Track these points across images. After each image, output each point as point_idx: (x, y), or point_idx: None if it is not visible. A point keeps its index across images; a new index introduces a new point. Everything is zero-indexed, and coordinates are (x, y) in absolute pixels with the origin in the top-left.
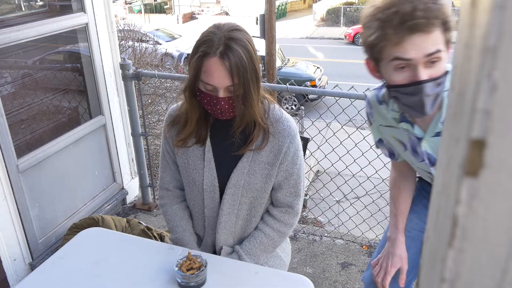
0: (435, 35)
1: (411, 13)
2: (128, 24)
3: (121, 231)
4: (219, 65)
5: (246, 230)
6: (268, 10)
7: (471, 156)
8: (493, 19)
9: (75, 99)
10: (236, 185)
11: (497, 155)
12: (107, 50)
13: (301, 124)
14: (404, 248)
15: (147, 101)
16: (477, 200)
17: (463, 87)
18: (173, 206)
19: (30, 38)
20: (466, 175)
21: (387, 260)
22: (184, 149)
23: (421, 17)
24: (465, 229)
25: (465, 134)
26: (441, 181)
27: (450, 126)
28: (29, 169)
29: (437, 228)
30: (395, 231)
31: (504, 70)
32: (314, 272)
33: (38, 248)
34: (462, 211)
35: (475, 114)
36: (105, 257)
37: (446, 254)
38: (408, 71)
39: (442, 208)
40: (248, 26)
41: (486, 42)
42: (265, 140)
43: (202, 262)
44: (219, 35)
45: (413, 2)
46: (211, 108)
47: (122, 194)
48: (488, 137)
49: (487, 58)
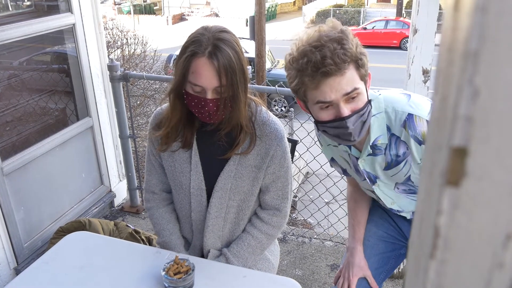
0: (349, 75)
1: (321, 61)
2: (116, 25)
3: (108, 234)
4: (207, 65)
5: (234, 233)
6: (258, 11)
7: (453, 164)
8: (474, 22)
9: (61, 101)
10: (223, 188)
11: (479, 164)
12: (94, 51)
13: (290, 126)
14: (362, 257)
15: (136, 102)
16: (459, 210)
17: (446, 93)
18: (159, 209)
19: (15, 39)
20: (447, 184)
21: (348, 271)
22: (170, 152)
23: (331, 64)
24: (447, 239)
25: (447, 141)
26: (424, 188)
27: (433, 132)
28: (14, 172)
29: (420, 237)
30: (353, 241)
31: (486, 75)
32: (304, 274)
33: (24, 252)
34: (444, 221)
35: (457, 120)
36: (91, 261)
37: (428, 265)
38: (332, 109)
39: (425, 216)
40: (238, 27)
41: (468, 46)
42: (252, 144)
43: (190, 266)
44: (207, 35)
45: (321, 50)
46: (199, 110)
47: (110, 196)
48: (470, 144)
49: (469, 63)
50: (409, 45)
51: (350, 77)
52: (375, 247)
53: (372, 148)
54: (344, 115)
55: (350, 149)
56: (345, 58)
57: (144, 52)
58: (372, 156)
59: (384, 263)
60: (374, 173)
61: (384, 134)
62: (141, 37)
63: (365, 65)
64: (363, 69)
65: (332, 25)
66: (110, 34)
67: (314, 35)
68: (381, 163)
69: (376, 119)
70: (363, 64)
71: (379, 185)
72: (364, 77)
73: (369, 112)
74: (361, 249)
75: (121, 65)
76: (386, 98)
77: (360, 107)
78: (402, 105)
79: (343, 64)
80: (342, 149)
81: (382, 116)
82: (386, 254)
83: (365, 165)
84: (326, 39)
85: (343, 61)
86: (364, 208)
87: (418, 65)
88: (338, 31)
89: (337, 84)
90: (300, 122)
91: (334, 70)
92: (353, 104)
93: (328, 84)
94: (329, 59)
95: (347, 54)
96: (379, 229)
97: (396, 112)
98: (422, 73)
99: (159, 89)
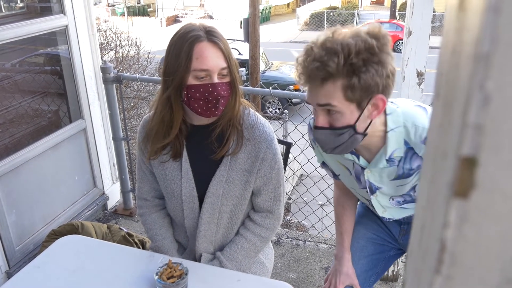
0: (329, 88)
1: (311, 63)
2: (110, 27)
3: (101, 237)
4: (211, 47)
5: (227, 238)
6: (252, 14)
7: (461, 175)
8: (486, 23)
9: (54, 103)
10: (215, 194)
11: (489, 175)
12: (87, 53)
13: (284, 128)
14: (350, 266)
15: (129, 104)
16: (467, 223)
17: (450, 97)
18: (152, 215)
19: (7, 40)
20: (455, 196)
21: (335, 278)
22: (160, 161)
23: (315, 70)
24: (454, 254)
25: (454, 150)
26: (425, 195)
27: (435, 138)
28: (6, 174)
29: (422, 248)
30: (341, 249)
31: (498, 80)
32: (298, 277)
33: (15, 256)
34: (451, 235)
35: (466, 129)
36: (83, 265)
37: (433, 281)
38: (316, 113)
39: (427, 226)
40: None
41: (478, 49)
42: (239, 143)
43: (183, 270)
44: (197, 26)
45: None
46: (204, 100)
47: (103, 199)
48: (480, 154)
49: (479, 67)
50: (403, 47)
51: (329, 91)
52: (364, 249)
53: (386, 160)
54: (316, 124)
55: (358, 158)
56: (326, 73)
57: (137, 54)
58: (382, 168)
59: (373, 265)
60: (378, 184)
61: (401, 148)
62: (134, 39)
63: (358, 91)
64: (353, 93)
65: (364, 39)
66: (104, 36)
67: (336, 38)
68: (390, 174)
69: (394, 134)
70: (355, 89)
71: (377, 195)
72: (353, 101)
73: (351, 138)
74: (349, 257)
75: (114, 67)
76: (405, 113)
77: (335, 126)
78: (422, 120)
79: (324, 76)
80: (347, 157)
81: (401, 131)
82: (375, 256)
83: (371, 176)
84: (333, 45)
85: (327, 74)
86: (352, 215)
87: (412, 67)
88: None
89: (314, 91)
90: (294, 124)
91: (313, 78)
92: (331, 118)
93: (309, 88)
94: (317, 64)
95: (330, 71)
96: (368, 231)
97: (416, 128)
98: (416, 76)
99: (152, 91)
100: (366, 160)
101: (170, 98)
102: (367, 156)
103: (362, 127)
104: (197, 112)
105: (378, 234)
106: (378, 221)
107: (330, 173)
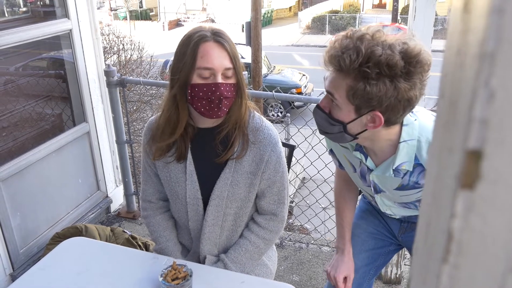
0: (338, 79)
1: (341, 50)
2: (113, 31)
3: (105, 240)
4: (216, 47)
5: (231, 240)
6: (254, 17)
7: (467, 167)
8: (491, 23)
9: (58, 106)
10: (220, 196)
11: (494, 167)
12: (91, 57)
13: (287, 131)
14: (351, 258)
15: (132, 108)
16: (473, 213)
17: (455, 95)
18: (156, 217)
19: (12, 44)
20: (461, 187)
21: (336, 268)
22: (165, 163)
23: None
24: (461, 244)
25: (461, 144)
26: (431, 191)
27: (441, 135)
28: (10, 178)
29: (428, 241)
30: (343, 241)
31: (502, 77)
32: (301, 280)
33: (20, 259)
34: (458, 225)
35: (471, 123)
36: (88, 267)
37: (441, 270)
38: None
39: (434, 220)
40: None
41: (483, 48)
42: (244, 147)
43: (188, 271)
44: (205, 29)
45: (348, 46)
46: (207, 100)
47: (106, 202)
48: (485, 147)
49: (484, 65)
50: None
51: (337, 83)
52: (365, 243)
53: (393, 170)
54: (319, 103)
55: (366, 159)
56: (338, 66)
57: (140, 57)
58: (386, 175)
59: (374, 259)
60: (382, 187)
61: (411, 162)
62: (137, 43)
63: (359, 97)
64: (354, 97)
65: (393, 55)
66: (107, 39)
67: (371, 39)
68: (394, 184)
69: (406, 145)
70: (357, 94)
71: (382, 195)
72: (352, 103)
73: (339, 134)
74: (350, 250)
75: (117, 71)
76: (422, 127)
77: (331, 114)
78: None
79: (337, 67)
80: (356, 155)
81: (414, 144)
82: (375, 250)
83: (375, 178)
84: (361, 45)
85: (339, 66)
86: (353, 207)
87: None
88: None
89: (330, 76)
90: (297, 127)
91: (330, 63)
92: (331, 106)
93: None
94: (337, 53)
95: (342, 65)
96: (369, 226)
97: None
98: None
99: (155, 94)
100: (374, 163)
101: (176, 97)
102: (374, 157)
103: (354, 130)
104: (200, 112)
105: (378, 229)
106: (379, 216)
107: (336, 161)
